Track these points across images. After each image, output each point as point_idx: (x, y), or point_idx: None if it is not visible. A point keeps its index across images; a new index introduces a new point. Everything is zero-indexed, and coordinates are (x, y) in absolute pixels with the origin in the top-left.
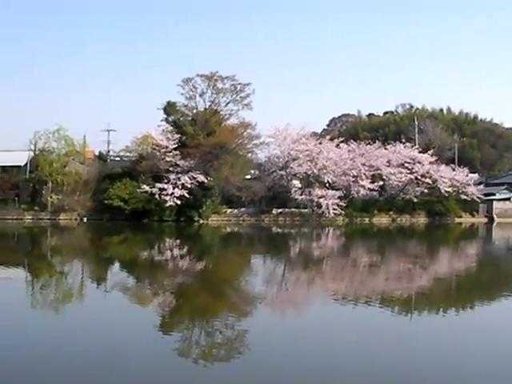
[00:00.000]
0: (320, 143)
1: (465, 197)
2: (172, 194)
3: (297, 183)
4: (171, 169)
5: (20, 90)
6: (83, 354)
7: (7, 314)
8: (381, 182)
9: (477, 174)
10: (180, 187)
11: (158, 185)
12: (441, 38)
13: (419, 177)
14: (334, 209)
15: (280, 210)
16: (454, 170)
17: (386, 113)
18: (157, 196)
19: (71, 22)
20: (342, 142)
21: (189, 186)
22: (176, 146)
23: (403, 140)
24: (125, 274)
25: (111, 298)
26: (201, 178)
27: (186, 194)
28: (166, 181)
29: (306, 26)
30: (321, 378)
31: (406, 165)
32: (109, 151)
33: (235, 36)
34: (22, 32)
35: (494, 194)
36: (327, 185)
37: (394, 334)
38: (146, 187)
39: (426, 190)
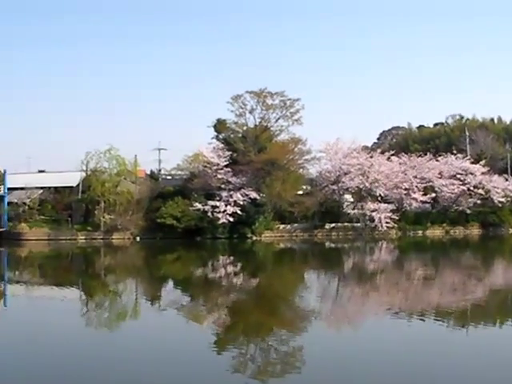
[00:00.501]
0: (371, 157)
1: None
2: (224, 211)
3: (349, 197)
4: (223, 186)
5: (71, 112)
6: (140, 374)
7: (63, 334)
8: (433, 194)
9: None
10: (232, 204)
11: (211, 202)
12: (489, 45)
13: (472, 188)
14: (387, 222)
15: (333, 225)
16: (506, 180)
17: (436, 124)
18: (209, 213)
19: (124, 45)
20: (392, 154)
21: (241, 202)
22: (227, 163)
23: (454, 151)
24: (179, 292)
25: (166, 317)
26: (253, 194)
27: (239, 211)
28: (218, 198)
29: (355, 39)
30: None
31: (458, 176)
32: (160, 170)
33: (283, 51)
34: (75, 54)
35: None
36: (379, 198)
37: (450, 346)
38: (198, 205)
39: (478, 201)
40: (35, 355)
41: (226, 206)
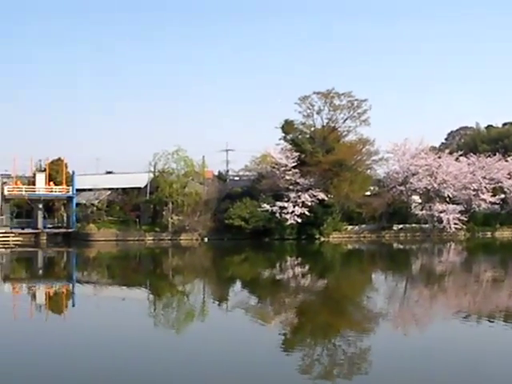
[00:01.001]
0: (439, 157)
1: None
2: (292, 212)
3: (417, 198)
4: (291, 187)
5: (138, 114)
6: (207, 375)
7: (131, 334)
8: (502, 195)
9: None
10: (300, 205)
11: (279, 203)
12: None
13: None
14: (455, 223)
15: (400, 226)
16: None
17: (505, 124)
18: (277, 214)
19: (190, 45)
20: (461, 155)
21: (309, 203)
22: (295, 164)
23: None
24: (246, 293)
25: (233, 317)
26: (321, 195)
27: (307, 212)
28: (286, 199)
29: (422, 37)
30: None
31: None
32: (228, 171)
33: (349, 52)
34: (140, 54)
35: None
36: (447, 199)
37: None
38: (266, 206)
39: None
40: (101, 356)
41: (294, 206)
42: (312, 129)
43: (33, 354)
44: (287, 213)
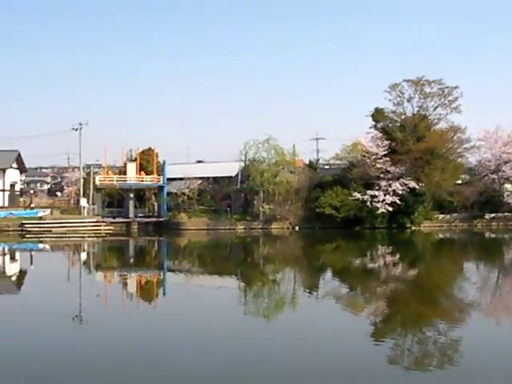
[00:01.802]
0: None
1: None
2: (383, 200)
3: (509, 187)
4: (382, 175)
5: (228, 103)
6: (297, 364)
7: (222, 323)
8: None
9: None
10: (391, 194)
11: (369, 192)
12: None
13: None
14: None
15: (493, 215)
16: None
17: None
18: (368, 203)
19: (281, 38)
20: None
21: (400, 192)
22: (386, 152)
23: None
24: (337, 282)
25: (324, 306)
26: (412, 183)
27: (398, 201)
28: (377, 188)
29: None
30: None
31: None
32: (318, 159)
33: (440, 38)
34: (234, 45)
35: None
36: None
37: None
38: (357, 195)
39: None
40: (194, 348)
41: (384, 195)
42: (402, 117)
43: (128, 347)
44: (378, 201)
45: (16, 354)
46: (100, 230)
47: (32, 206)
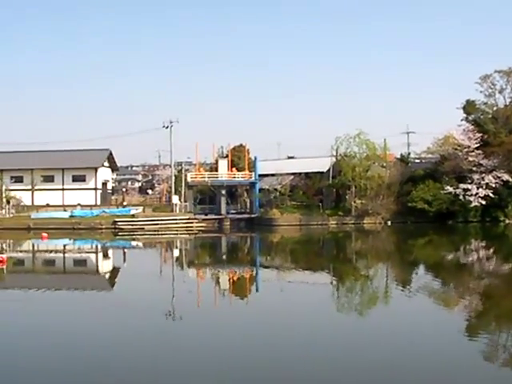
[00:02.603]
0: None
1: None
2: (476, 194)
3: None
4: (474, 168)
5: (316, 99)
6: (387, 360)
7: (315, 319)
8: None
9: None
10: (484, 187)
11: (462, 185)
12: None
13: None
14: None
15: None
16: None
17: None
18: (461, 197)
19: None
20: None
21: (493, 185)
22: (478, 145)
23: None
24: (430, 277)
25: (416, 301)
26: (505, 176)
27: (491, 194)
28: (469, 181)
29: None
30: None
31: None
32: (409, 153)
33: None
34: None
35: None
36: None
37: None
38: (449, 188)
39: None
40: (288, 344)
41: (477, 188)
42: (494, 108)
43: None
44: (471, 195)
45: (109, 350)
46: (192, 226)
47: (124, 204)
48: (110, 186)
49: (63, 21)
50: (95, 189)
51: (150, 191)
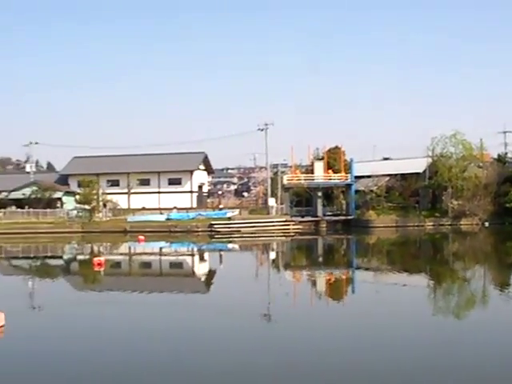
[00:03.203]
0: None
1: None
2: None
3: None
4: None
5: (408, 100)
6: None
7: (410, 322)
8: None
9: None
10: None
11: None
12: None
13: None
14: None
15: None
16: None
17: None
18: None
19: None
20: None
21: None
22: None
23: None
24: None
25: None
26: None
27: None
28: None
29: None
30: None
31: None
32: (506, 153)
33: None
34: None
35: None
36: None
37: None
38: None
39: None
40: (383, 346)
41: None
42: None
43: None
44: None
45: (204, 350)
46: (289, 229)
47: (220, 206)
48: (205, 188)
49: None
50: (191, 192)
51: (245, 194)
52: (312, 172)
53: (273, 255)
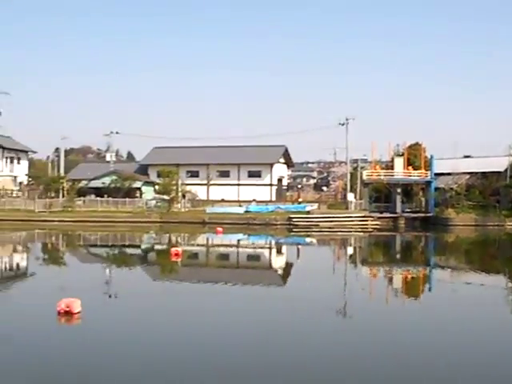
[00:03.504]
0: None
1: None
2: None
3: None
4: None
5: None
6: None
7: (485, 324)
8: None
9: None
10: None
11: None
12: None
13: None
14: None
15: None
16: None
17: None
18: None
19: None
20: None
21: None
22: None
23: None
24: None
25: None
26: None
27: None
28: None
29: None
30: None
31: None
32: None
33: None
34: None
35: None
36: None
37: None
38: None
39: None
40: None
41: None
42: None
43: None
44: None
45: (278, 344)
46: (367, 224)
47: (300, 200)
48: (285, 182)
49: None
50: (270, 185)
51: (324, 188)
52: (392, 168)
53: (350, 250)
